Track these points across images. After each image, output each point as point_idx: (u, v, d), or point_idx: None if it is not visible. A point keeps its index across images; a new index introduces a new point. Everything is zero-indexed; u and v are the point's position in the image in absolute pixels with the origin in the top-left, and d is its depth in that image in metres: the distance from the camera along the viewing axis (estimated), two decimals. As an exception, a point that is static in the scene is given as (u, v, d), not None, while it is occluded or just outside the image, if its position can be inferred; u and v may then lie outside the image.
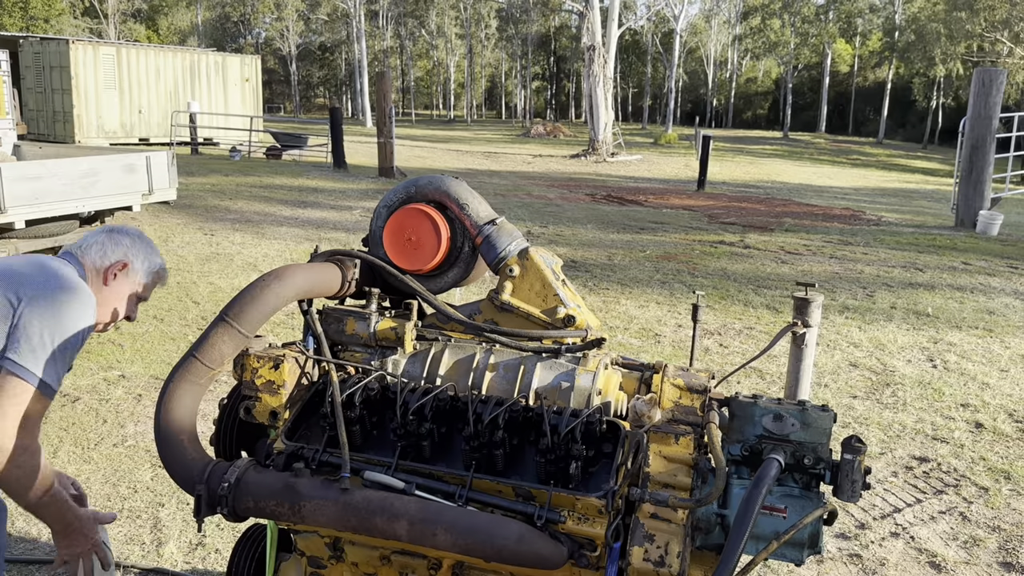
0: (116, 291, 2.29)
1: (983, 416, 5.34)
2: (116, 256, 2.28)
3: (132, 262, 2.30)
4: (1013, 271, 10.26)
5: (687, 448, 1.84)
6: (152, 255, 2.36)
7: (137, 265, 2.32)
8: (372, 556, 1.93)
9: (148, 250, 2.35)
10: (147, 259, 2.34)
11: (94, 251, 2.26)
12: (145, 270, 2.35)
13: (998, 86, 13.63)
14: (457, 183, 2.25)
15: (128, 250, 2.30)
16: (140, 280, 2.34)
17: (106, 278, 2.26)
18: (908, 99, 54.03)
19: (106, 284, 2.26)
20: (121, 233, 2.34)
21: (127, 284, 2.30)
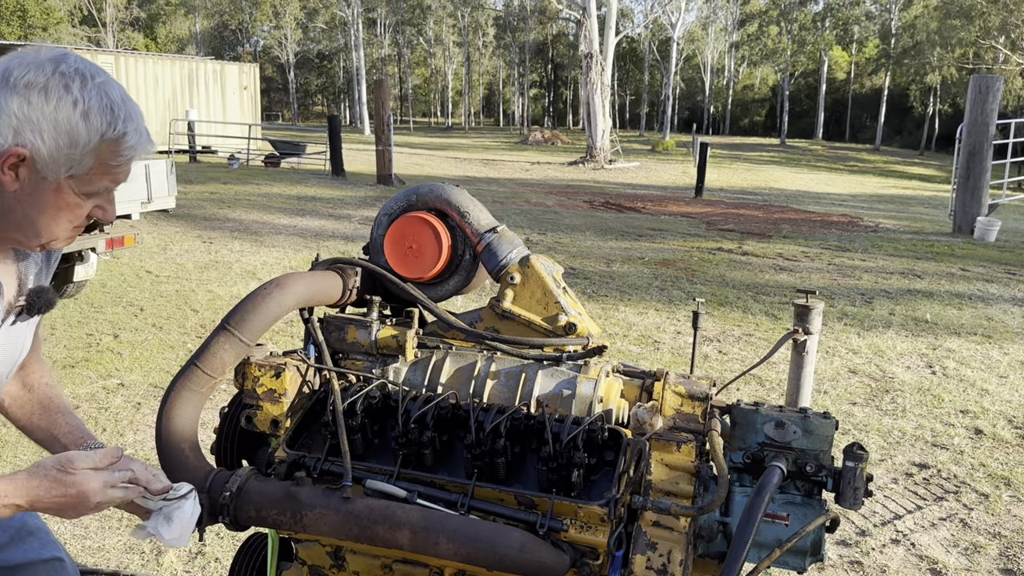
0: (28, 199, 1.34)
1: (983, 422, 5.34)
2: (3, 138, 1.29)
3: (34, 144, 1.30)
4: (1011, 277, 10.28)
5: (689, 456, 1.84)
6: (74, 113, 1.31)
7: (44, 147, 1.30)
8: (374, 565, 1.92)
9: (58, 107, 1.30)
10: (60, 128, 1.30)
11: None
12: (71, 151, 1.32)
13: (995, 92, 13.68)
14: (458, 191, 2.25)
15: (21, 121, 1.29)
16: (67, 170, 1.34)
17: (2, 179, 1.31)
18: (905, 106, 54.20)
19: (6, 189, 1.32)
20: (4, 84, 1.29)
21: (44, 182, 1.34)
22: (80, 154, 1.33)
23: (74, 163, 1.33)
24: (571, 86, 71.31)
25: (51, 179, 1.33)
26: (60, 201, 1.36)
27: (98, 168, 1.36)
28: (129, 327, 6.74)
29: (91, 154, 1.34)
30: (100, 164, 1.36)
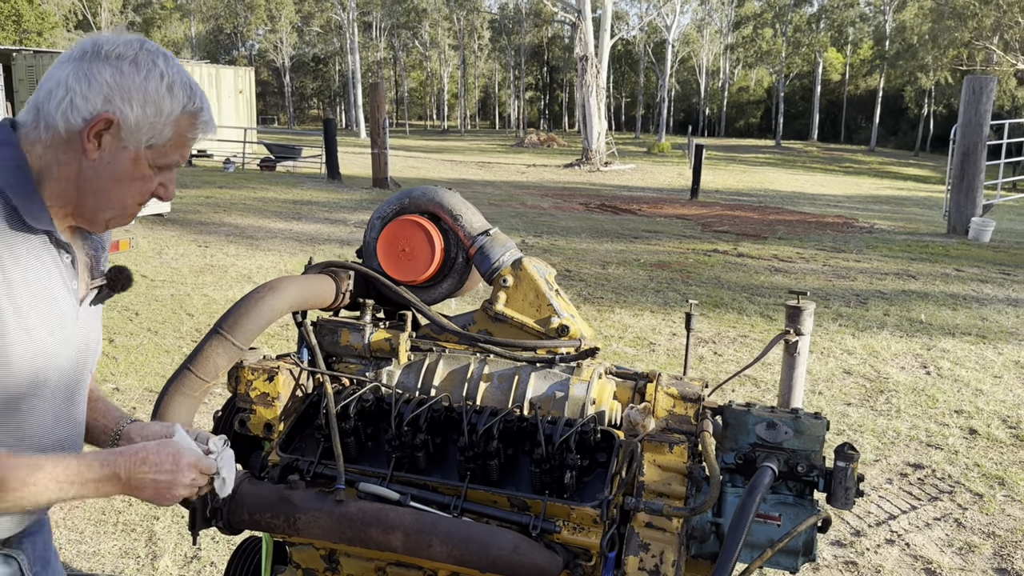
0: (106, 167, 1.39)
1: (977, 422, 5.35)
2: (92, 105, 1.34)
3: (122, 111, 1.36)
4: (1005, 277, 10.31)
5: (681, 457, 1.85)
6: (161, 85, 1.39)
7: (132, 114, 1.37)
8: (367, 568, 1.93)
9: (148, 77, 1.38)
10: (149, 97, 1.37)
11: (52, 103, 1.35)
12: (155, 119, 1.39)
13: (988, 93, 13.72)
14: (450, 194, 2.26)
15: (112, 89, 1.35)
16: (148, 139, 1.39)
17: (85, 149, 1.36)
18: (900, 107, 54.34)
19: (87, 157, 1.37)
20: (96, 56, 1.36)
21: (124, 151, 1.39)
22: (163, 124, 1.40)
23: (156, 132, 1.40)
24: (567, 88, 71.40)
25: (131, 148, 1.39)
26: (136, 171, 1.41)
27: (175, 140, 1.43)
28: (124, 331, 6.73)
29: (171, 125, 1.41)
30: (177, 136, 1.43)
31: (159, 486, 1.40)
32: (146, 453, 1.40)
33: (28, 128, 1.38)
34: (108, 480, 1.37)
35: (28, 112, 1.39)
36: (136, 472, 1.39)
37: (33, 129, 1.37)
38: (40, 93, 1.38)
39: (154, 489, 1.40)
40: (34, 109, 1.38)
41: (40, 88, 1.38)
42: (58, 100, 1.35)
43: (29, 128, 1.38)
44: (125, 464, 1.39)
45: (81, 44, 1.39)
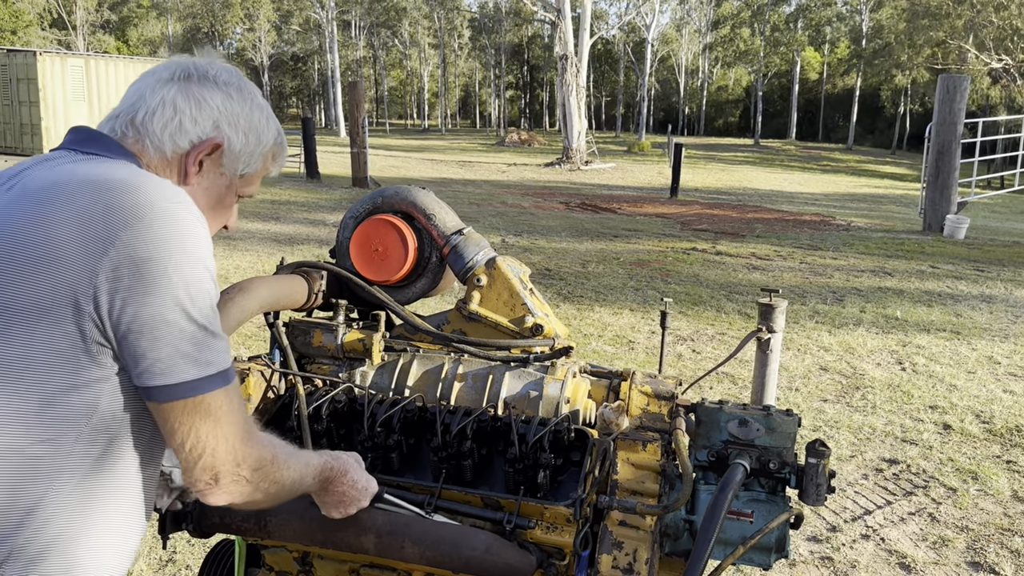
0: (203, 192, 1.37)
1: (951, 418, 5.41)
2: (202, 128, 1.33)
3: (229, 137, 1.36)
4: (979, 274, 10.43)
5: (654, 455, 1.86)
6: (262, 115, 1.41)
7: (237, 141, 1.37)
8: (341, 570, 1.92)
9: (252, 106, 1.39)
10: (253, 126, 1.39)
11: (157, 123, 1.30)
12: (252, 148, 1.40)
13: (962, 92, 13.87)
14: (424, 193, 2.26)
15: (222, 114, 1.34)
16: (243, 167, 1.40)
17: (185, 171, 1.34)
18: (876, 105, 54.88)
19: (186, 181, 1.34)
20: (204, 79, 1.35)
21: (221, 177, 1.38)
22: (259, 153, 1.42)
23: (251, 161, 1.41)
24: (547, 88, 71.48)
25: (228, 175, 1.39)
26: (226, 198, 1.42)
27: (261, 170, 1.45)
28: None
29: (262, 156, 1.43)
30: (263, 166, 1.45)
31: (345, 501, 1.55)
32: (348, 466, 1.54)
33: (132, 141, 1.31)
34: (322, 479, 1.48)
35: (120, 127, 1.32)
36: (338, 481, 1.52)
37: (137, 143, 1.31)
38: (136, 112, 1.31)
39: (338, 502, 1.55)
40: (129, 125, 1.31)
41: (133, 106, 1.32)
42: (165, 120, 1.31)
43: (133, 141, 1.31)
44: (337, 468, 1.51)
45: (179, 66, 1.35)
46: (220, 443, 1.21)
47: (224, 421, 1.21)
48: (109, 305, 1.12)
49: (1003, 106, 36.75)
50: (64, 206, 1.13)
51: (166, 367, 1.16)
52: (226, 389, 1.22)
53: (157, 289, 1.13)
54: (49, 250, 1.11)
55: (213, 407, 1.20)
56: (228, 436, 1.22)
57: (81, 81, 23.40)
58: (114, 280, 1.11)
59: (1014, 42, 33.35)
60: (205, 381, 1.18)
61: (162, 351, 1.15)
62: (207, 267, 1.20)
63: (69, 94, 23.05)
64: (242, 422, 1.26)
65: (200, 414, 1.19)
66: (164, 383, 1.16)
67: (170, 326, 1.14)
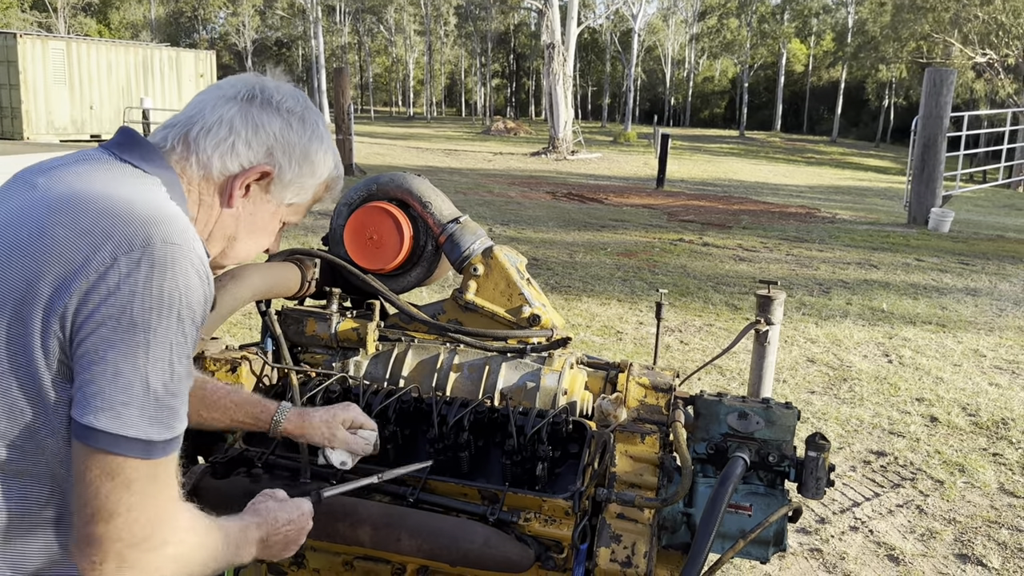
0: (246, 216, 1.34)
1: (937, 410, 5.44)
2: (254, 153, 1.30)
3: (281, 166, 1.33)
4: (964, 267, 10.50)
5: (653, 447, 1.84)
6: (321, 147, 1.38)
7: (288, 171, 1.34)
8: (334, 562, 1.89)
9: (311, 137, 1.36)
10: (308, 157, 1.36)
11: (210, 141, 1.27)
12: (304, 179, 1.37)
13: (948, 86, 13.92)
14: (419, 181, 2.22)
15: (277, 142, 1.31)
16: (291, 197, 1.38)
17: (230, 194, 1.30)
18: (861, 98, 55.11)
19: (229, 204, 1.31)
20: (266, 104, 1.31)
21: (267, 204, 1.35)
22: (312, 185, 1.39)
23: (302, 191, 1.38)
24: (533, 76, 71.30)
25: (274, 203, 1.36)
26: (270, 225, 1.39)
27: (310, 200, 1.43)
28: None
29: (315, 187, 1.41)
30: (314, 198, 1.44)
31: (291, 541, 1.44)
32: (276, 514, 1.42)
33: (178, 156, 1.28)
34: (254, 544, 1.36)
35: (171, 138, 1.29)
36: (274, 533, 1.40)
37: (183, 159, 1.27)
38: (192, 125, 1.28)
39: (284, 547, 1.44)
40: (181, 139, 1.28)
41: (190, 118, 1.29)
42: (218, 140, 1.28)
43: (179, 156, 1.28)
44: (267, 523, 1.39)
45: (246, 85, 1.33)
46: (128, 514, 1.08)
47: (138, 494, 1.09)
48: (72, 326, 1.07)
49: (986, 100, 37.00)
50: (68, 222, 1.10)
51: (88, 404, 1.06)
52: (156, 463, 1.10)
53: (124, 332, 1.07)
54: (34, 259, 1.08)
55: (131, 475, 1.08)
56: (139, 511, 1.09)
57: (62, 64, 23.10)
58: (85, 303, 1.06)
59: (999, 36, 33.56)
60: (123, 441, 1.07)
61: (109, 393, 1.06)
62: (191, 323, 1.13)
63: (50, 77, 22.75)
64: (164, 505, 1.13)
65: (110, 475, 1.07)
66: (89, 423, 1.06)
67: (125, 376, 1.07)
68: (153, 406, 1.09)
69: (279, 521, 1.41)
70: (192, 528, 1.19)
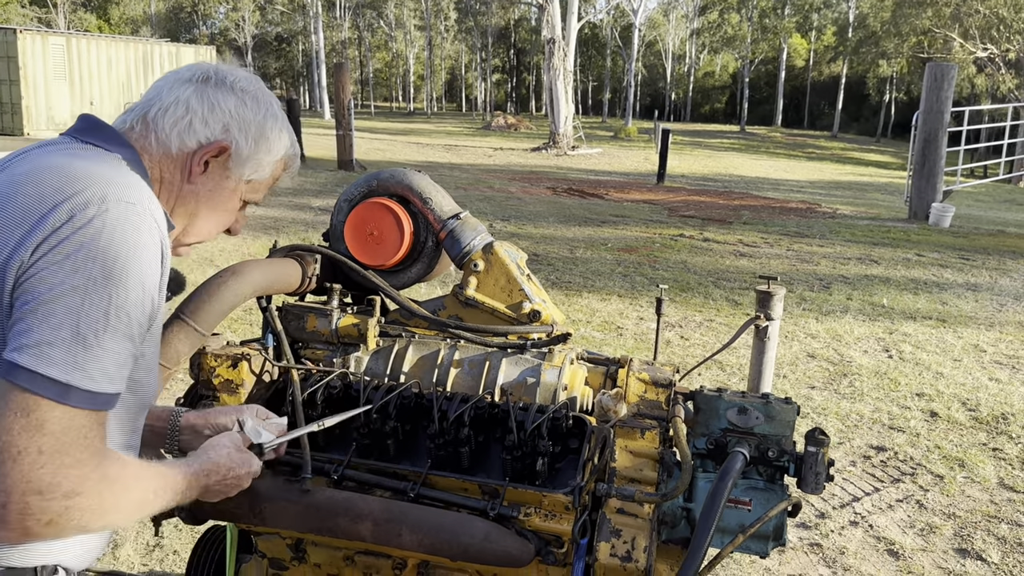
0: (206, 193, 1.40)
1: (937, 405, 5.45)
2: (211, 130, 1.36)
3: (237, 142, 1.39)
4: (965, 262, 10.50)
5: (653, 442, 1.84)
6: (276, 124, 1.45)
7: (245, 147, 1.40)
8: (335, 557, 1.89)
9: (266, 115, 1.43)
10: (264, 134, 1.42)
11: (168, 120, 1.34)
12: (261, 156, 1.43)
13: (949, 80, 13.91)
14: (420, 176, 2.22)
15: (233, 119, 1.38)
16: (249, 173, 1.43)
17: (190, 170, 1.37)
18: (862, 93, 55.04)
19: (189, 180, 1.37)
20: (220, 84, 1.39)
21: (226, 180, 1.41)
22: (269, 161, 1.45)
23: (259, 169, 1.44)
24: (534, 71, 71.22)
25: (233, 179, 1.42)
26: (229, 202, 1.45)
27: (269, 179, 1.49)
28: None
29: (272, 164, 1.47)
30: (271, 176, 1.49)
31: (228, 486, 1.47)
32: (219, 458, 1.45)
33: (137, 135, 1.34)
34: (192, 489, 1.38)
35: (131, 119, 1.36)
36: (212, 479, 1.42)
37: (142, 137, 1.34)
38: (151, 107, 1.36)
39: (221, 495, 1.47)
40: (140, 119, 1.36)
41: (148, 101, 1.37)
42: (176, 118, 1.34)
43: (138, 135, 1.34)
44: (206, 471, 1.41)
45: (200, 69, 1.41)
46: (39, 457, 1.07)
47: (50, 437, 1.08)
48: (20, 272, 1.10)
49: (987, 95, 36.94)
50: (30, 190, 1.15)
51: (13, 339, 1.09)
52: (74, 411, 1.09)
53: (65, 275, 1.09)
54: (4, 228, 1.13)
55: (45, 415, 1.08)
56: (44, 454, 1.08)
57: (62, 60, 23.10)
58: (35, 252, 1.10)
59: (1000, 31, 33.49)
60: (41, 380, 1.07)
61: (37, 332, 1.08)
62: (139, 282, 1.15)
63: (50, 73, 22.74)
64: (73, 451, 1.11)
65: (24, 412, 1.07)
66: (12, 359, 1.07)
67: (57, 317, 1.08)
68: (80, 352, 1.09)
69: (225, 470, 1.44)
70: (118, 478, 1.18)
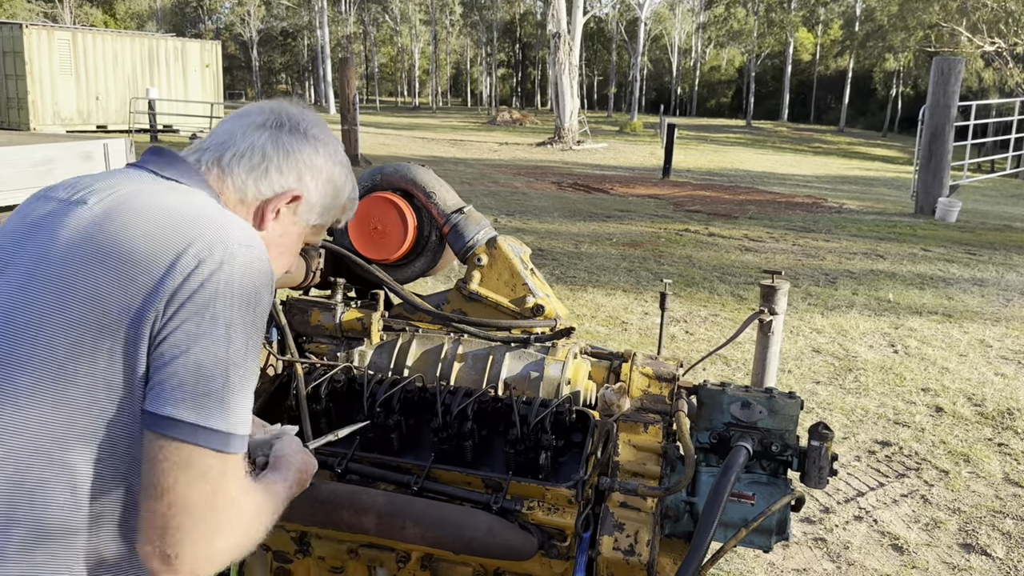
0: (275, 238, 1.39)
1: (943, 400, 5.44)
2: (286, 179, 1.36)
3: (309, 189, 1.39)
4: (971, 257, 10.46)
5: (656, 437, 1.84)
6: (343, 171, 1.46)
7: (316, 194, 1.40)
8: (339, 550, 1.90)
9: (335, 162, 1.44)
10: (332, 181, 1.43)
11: (243, 166, 1.33)
12: (329, 201, 1.44)
13: (956, 75, 13.85)
14: (424, 171, 2.22)
15: (306, 167, 1.38)
16: (316, 219, 1.44)
17: (262, 217, 1.36)
18: (868, 88, 54.82)
19: (261, 226, 1.36)
20: (294, 130, 1.38)
21: (294, 226, 1.41)
22: (334, 207, 1.46)
23: (324, 213, 1.45)
24: (539, 66, 71.04)
25: (301, 224, 1.42)
26: (294, 246, 1.45)
27: (330, 222, 1.50)
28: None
29: (336, 209, 1.47)
30: (333, 219, 1.50)
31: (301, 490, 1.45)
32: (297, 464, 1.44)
33: (214, 178, 1.33)
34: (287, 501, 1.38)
35: (205, 161, 1.34)
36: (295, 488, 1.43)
37: (219, 181, 1.33)
38: (225, 151, 1.34)
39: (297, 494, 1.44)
40: (215, 162, 1.34)
41: (222, 144, 1.35)
42: (252, 165, 1.34)
43: (215, 179, 1.33)
44: (293, 481, 1.41)
45: (272, 113, 1.39)
46: (204, 504, 1.11)
47: (212, 484, 1.12)
48: (158, 328, 1.11)
49: (995, 89, 36.76)
50: (146, 233, 1.15)
51: (169, 397, 1.10)
52: (228, 457, 1.14)
53: (207, 326, 1.11)
54: (120, 272, 1.12)
55: (207, 465, 1.12)
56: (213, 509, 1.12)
57: (68, 54, 23.12)
58: (171, 304, 1.11)
59: (1008, 25, 33.30)
60: (203, 432, 1.11)
61: (192, 385, 1.11)
62: (263, 320, 1.20)
63: (56, 67, 22.78)
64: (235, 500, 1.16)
65: (188, 466, 1.10)
66: (170, 414, 1.10)
67: (207, 369, 1.11)
68: (231, 400, 1.13)
69: (304, 477, 1.46)
70: (257, 510, 1.23)
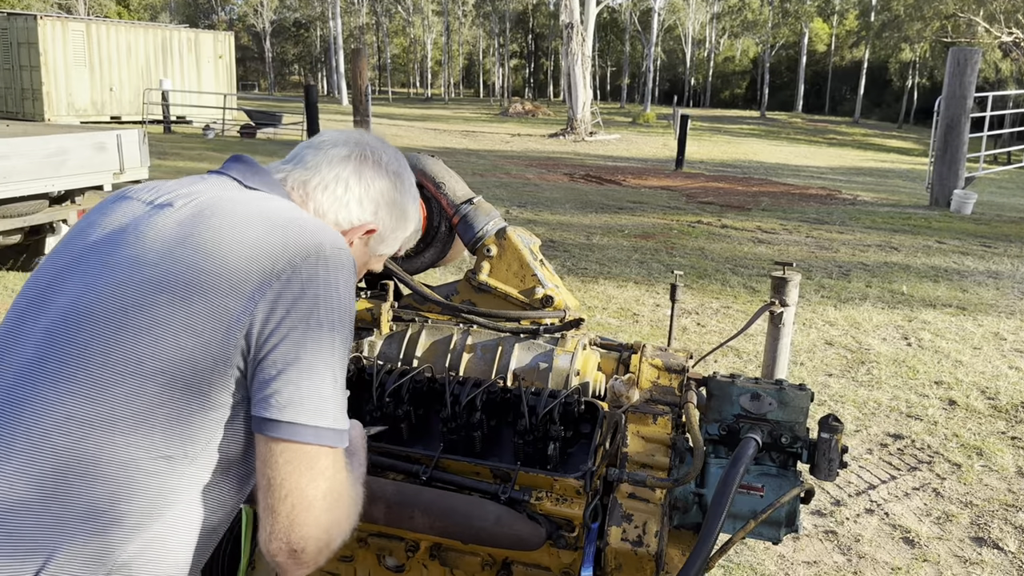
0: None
1: (956, 393, 5.40)
2: (364, 211, 1.41)
3: (384, 223, 1.45)
4: (986, 250, 10.38)
5: (665, 428, 1.84)
6: (414, 206, 1.52)
7: (388, 228, 1.46)
8: (349, 539, 1.91)
9: (408, 197, 1.49)
10: (404, 215, 1.48)
11: (327, 196, 1.38)
12: (398, 234, 1.50)
13: (973, 65, 13.71)
14: (433, 161, 2.22)
15: (382, 205, 1.43)
16: (383, 249, 1.50)
17: None
18: (884, 79, 54.40)
19: None
20: (377, 164, 1.43)
21: (363, 255, 1.48)
22: (401, 238, 1.52)
23: (393, 244, 1.51)
24: (552, 57, 70.82)
25: (369, 253, 1.48)
26: (360, 272, 1.49)
27: (393, 252, 1.55)
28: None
29: (401, 240, 1.53)
30: (396, 249, 1.55)
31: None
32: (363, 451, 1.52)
33: (297, 198, 1.37)
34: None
35: (291, 180, 1.38)
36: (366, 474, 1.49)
37: (302, 203, 1.37)
38: (311, 177, 1.38)
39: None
40: (301, 186, 1.38)
41: (308, 170, 1.39)
42: (335, 196, 1.38)
43: (299, 200, 1.37)
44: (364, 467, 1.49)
45: (356, 144, 1.43)
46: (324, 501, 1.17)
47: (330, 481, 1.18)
48: (259, 335, 1.13)
49: (1012, 80, 36.38)
50: (242, 239, 1.17)
51: (287, 402, 1.14)
52: (339, 452, 1.20)
53: (313, 332, 1.15)
54: (212, 276, 1.14)
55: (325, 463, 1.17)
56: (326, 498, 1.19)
57: (82, 45, 23.23)
58: (272, 312, 1.13)
59: (1025, 15, 32.92)
60: (322, 432, 1.16)
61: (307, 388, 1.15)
62: (353, 319, 1.25)
63: (70, 59, 22.89)
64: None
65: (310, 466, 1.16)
66: (292, 419, 1.14)
67: (319, 372, 1.15)
68: (339, 398, 1.20)
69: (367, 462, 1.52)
70: (356, 501, 1.30)
